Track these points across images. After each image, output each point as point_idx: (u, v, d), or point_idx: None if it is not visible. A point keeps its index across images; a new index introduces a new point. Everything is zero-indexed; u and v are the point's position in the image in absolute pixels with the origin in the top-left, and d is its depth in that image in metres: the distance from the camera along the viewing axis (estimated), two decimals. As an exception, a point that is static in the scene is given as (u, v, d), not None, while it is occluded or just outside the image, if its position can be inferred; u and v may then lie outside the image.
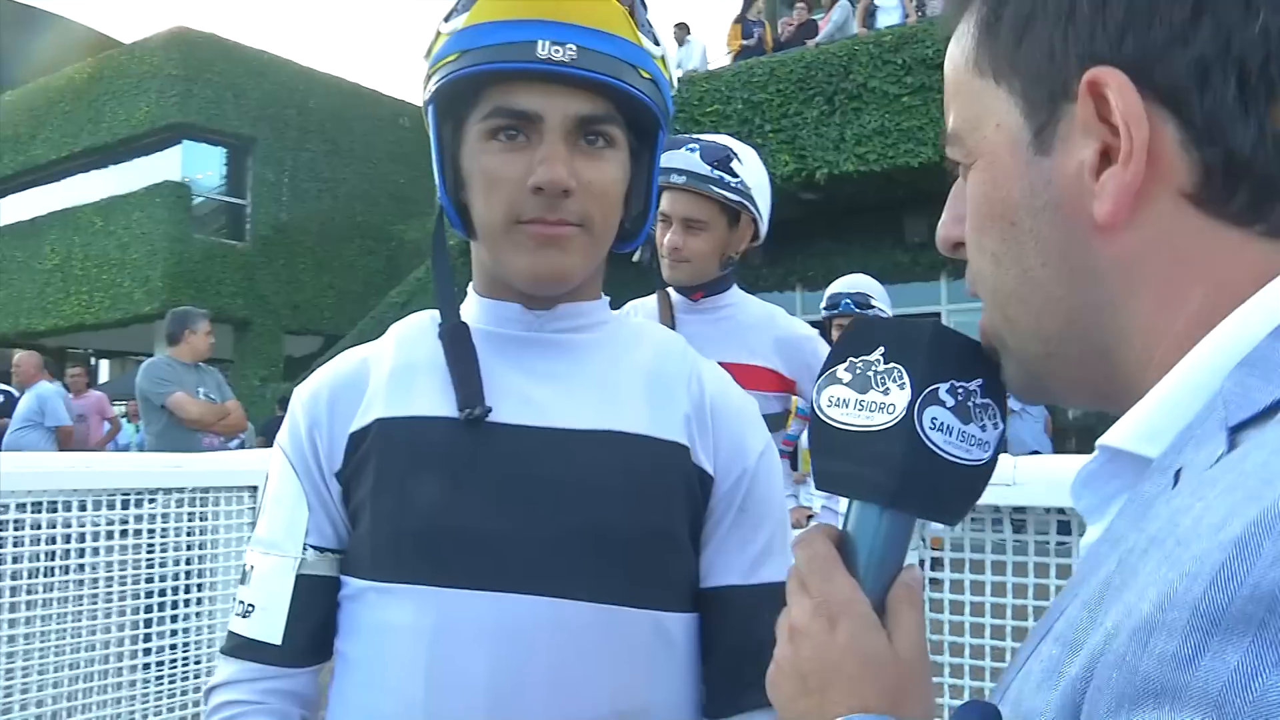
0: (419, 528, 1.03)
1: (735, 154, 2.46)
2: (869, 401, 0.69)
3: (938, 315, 13.47)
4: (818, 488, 0.74)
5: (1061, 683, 0.47)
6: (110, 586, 2.47)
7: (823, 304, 4.38)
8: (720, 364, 1.25)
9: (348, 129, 21.25)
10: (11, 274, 20.84)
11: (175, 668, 2.59)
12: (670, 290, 2.51)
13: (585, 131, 1.03)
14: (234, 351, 19.16)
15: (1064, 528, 1.77)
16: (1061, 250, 0.59)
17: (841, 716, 0.63)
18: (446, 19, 1.05)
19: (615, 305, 1.43)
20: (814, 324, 2.93)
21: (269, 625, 1.07)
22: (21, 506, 2.30)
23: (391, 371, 1.10)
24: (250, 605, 1.09)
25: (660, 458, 1.08)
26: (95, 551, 2.41)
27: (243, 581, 1.11)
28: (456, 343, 1.09)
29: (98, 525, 2.39)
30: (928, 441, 0.67)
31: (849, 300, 4.24)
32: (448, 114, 1.08)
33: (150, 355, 20.36)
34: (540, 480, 1.04)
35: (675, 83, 1.12)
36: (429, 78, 1.07)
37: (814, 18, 14.50)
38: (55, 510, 2.33)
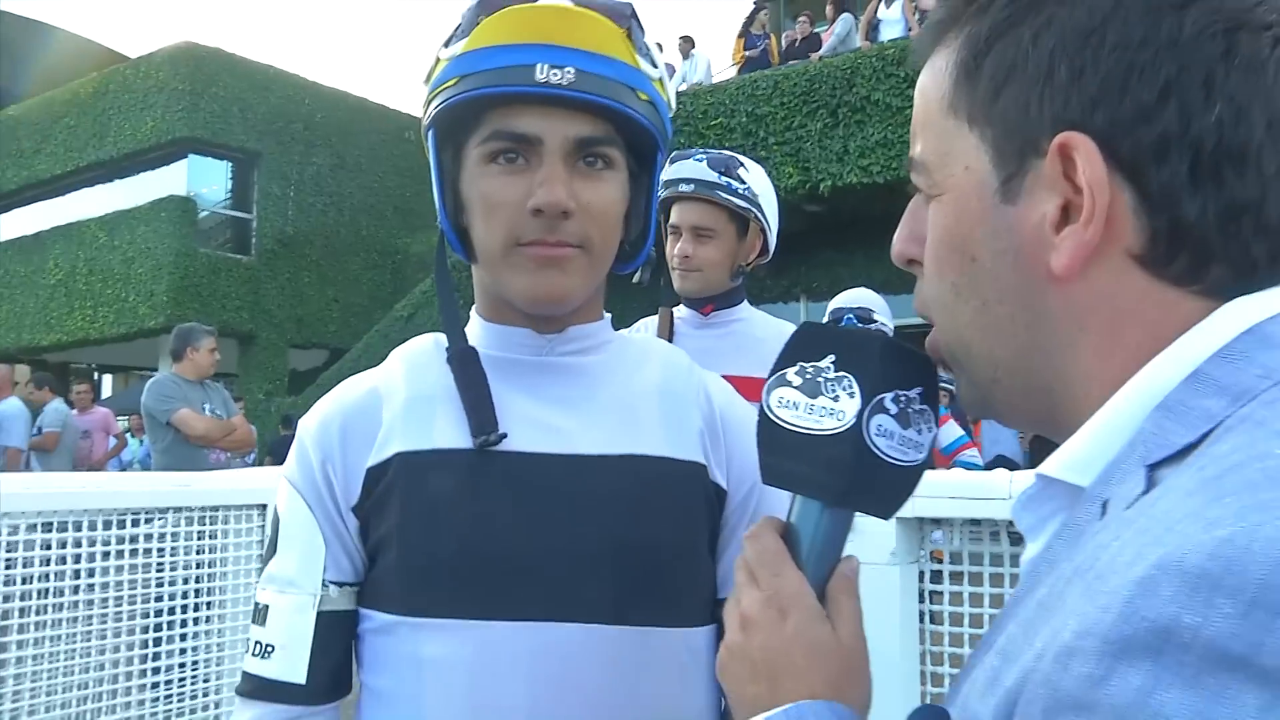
0: (451, 562, 1.03)
1: (741, 163, 2.49)
2: (818, 406, 0.74)
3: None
4: (764, 482, 0.79)
5: (999, 691, 0.53)
6: (120, 606, 2.48)
7: (825, 319, 4.40)
8: (731, 376, 1.26)
9: (353, 143, 21.30)
10: (15, 288, 20.87)
11: (185, 685, 2.60)
12: (677, 307, 2.52)
13: (584, 153, 1.03)
14: (239, 365, 19.19)
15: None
16: (1017, 292, 0.64)
17: (791, 703, 0.68)
18: (446, 44, 1.05)
19: (624, 324, 1.44)
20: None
21: (291, 665, 1.06)
22: (31, 527, 2.31)
23: (406, 403, 1.09)
24: (269, 645, 1.07)
25: (681, 478, 1.10)
26: (105, 571, 2.42)
27: (257, 621, 1.09)
28: (466, 367, 1.09)
29: (108, 545, 2.40)
30: (873, 447, 0.73)
31: (851, 315, 4.25)
32: (448, 138, 1.08)
33: (154, 370, 20.38)
34: (568, 509, 1.05)
35: (674, 104, 1.12)
36: (429, 102, 1.07)
37: (817, 31, 14.54)
38: (65, 530, 2.34)
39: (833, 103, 12.24)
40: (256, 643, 1.08)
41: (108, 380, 24.92)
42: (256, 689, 1.07)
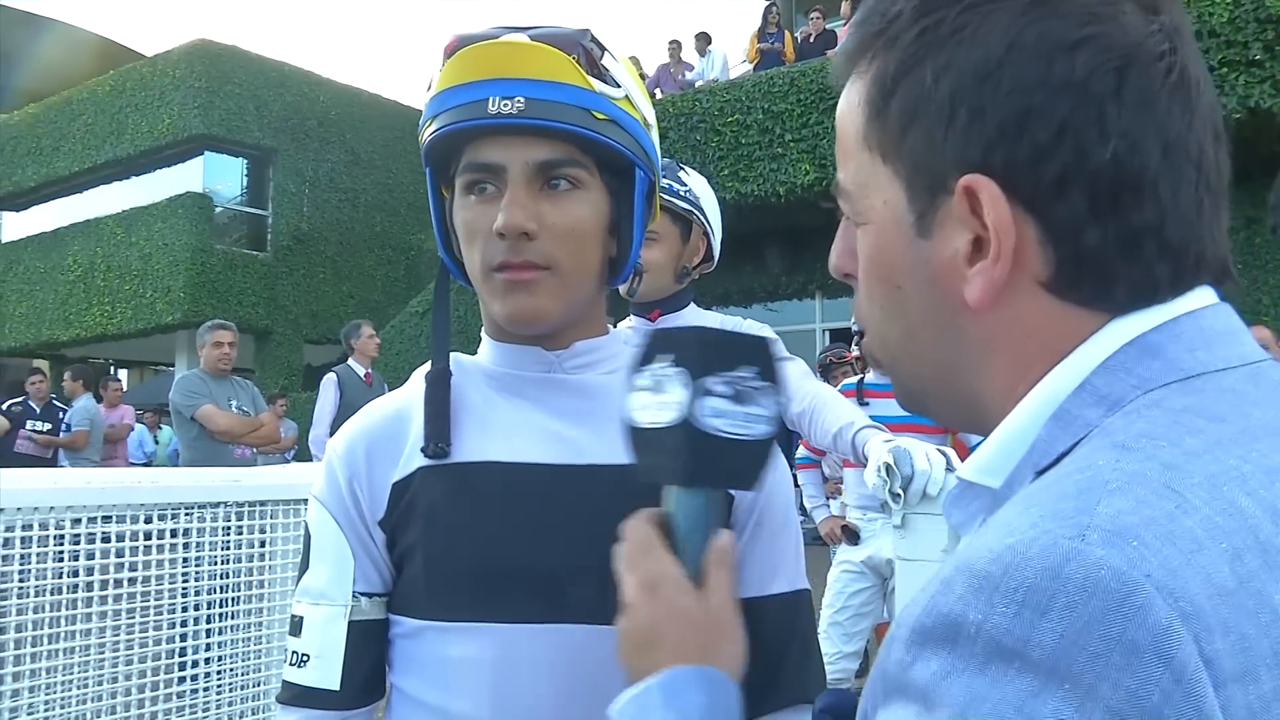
0: (474, 568, 1.07)
1: (681, 168, 2.55)
2: (661, 402, 0.84)
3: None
4: (639, 479, 0.88)
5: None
6: (175, 599, 2.53)
7: (854, 316, 4.40)
8: None
9: (368, 139, 21.37)
10: (34, 284, 21.01)
11: (235, 677, 2.64)
12: (627, 319, 2.55)
13: (548, 176, 1.08)
14: (255, 361, 19.28)
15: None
16: (936, 318, 0.67)
17: (663, 669, 0.78)
18: (428, 89, 1.11)
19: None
20: (840, 332, 2.93)
21: (326, 672, 1.10)
22: (76, 521, 2.34)
23: (428, 420, 1.14)
24: (305, 655, 1.12)
25: None
26: (160, 564, 2.46)
27: (293, 633, 1.14)
28: (433, 386, 1.14)
29: (161, 539, 2.44)
30: (708, 428, 0.82)
31: None
32: (440, 174, 1.15)
33: (170, 365, 20.36)
34: (583, 516, 1.09)
35: (648, 120, 1.15)
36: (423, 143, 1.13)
37: (830, 27, 14.53)
38: (121, 522, 2.38)
39: (850, 100, 12.24)
40: (293, 653, 1.13)
41: (124, 375, 25.05)
42: (295, 696, 1.12)
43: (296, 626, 1.14)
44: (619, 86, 1.10)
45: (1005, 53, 0.61)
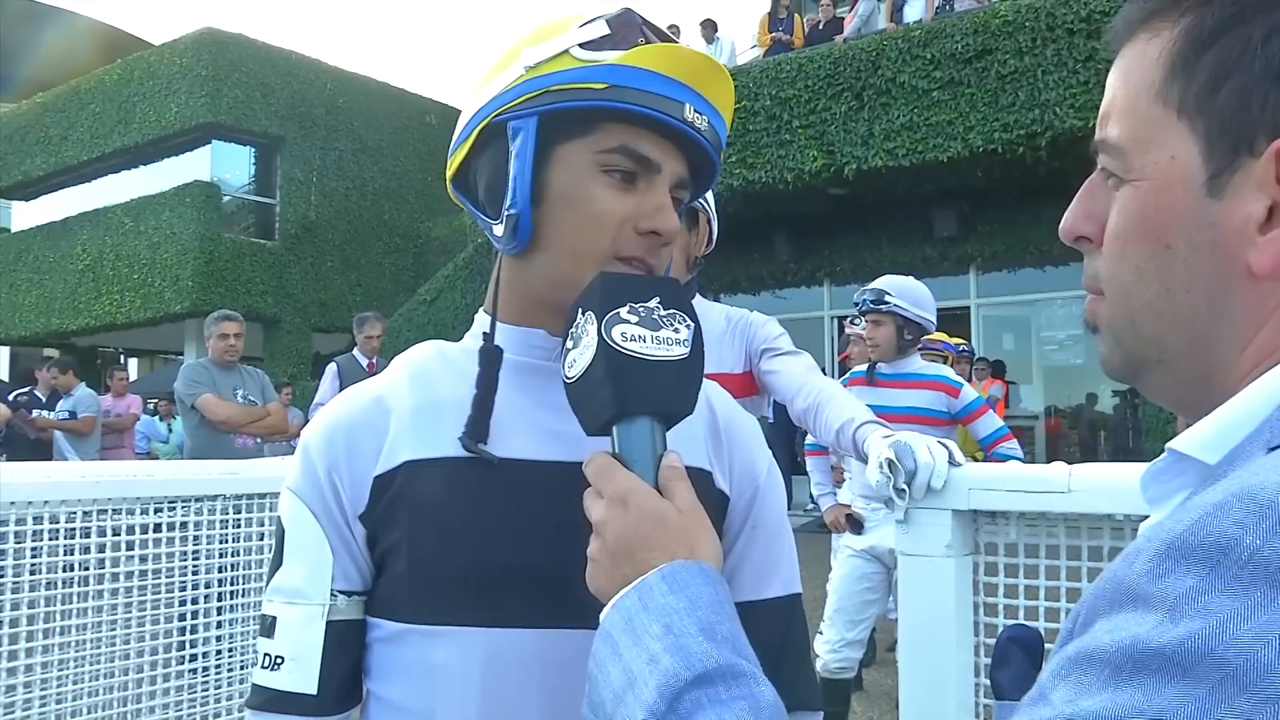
0: (460, 571, 1.03)
1: None
2: (582, 349, 0.91)
3: (966, 309, 13.41)
4: (589, 434, 0.92)
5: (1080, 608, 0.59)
6: (171, 592, 2.52)
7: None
8: None
9: (375, 127, 21.33)
10: (44, 274, 21.05)
11: (234, 671, 2.64)
12: None
13: (675, 191, 1.08)
14: (264, 349, 19.30)
15: (1117, 534, 1.78)
16: (1208, 283, 0.65)
17: (654, 569, 0.79)
18: (584, 46, 1.05)
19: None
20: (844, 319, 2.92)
21: (302, 676, 1.06)
22: (71, 515, 2.33)
23: (414, 411, 1.09)
24: (279, 657, 1.06)
25: None
26: (156, 558, 2.45)
27: (265, 634, 1.09)
28: (487, 365, 1.10)
29: (158, 531, 2.44)
30: (624, 351, 0.88)
31: (866, 298, 4.32)
32: (548, 131, 1.06)
33: (180, 354, 20.40)
34: (575, 515, 1.03)
35: None
36: (539, 92, 1.05)
37: (839, 14, 14.45)
38: (104, 515, 2.37)
39: (858, 85, 12.18)
40: (265, 655, 1.08)
41: (133, 364, 25.13)
42: (268, 701, 1.07)
43: (269, 627, 1.09)
44: None
45: None
